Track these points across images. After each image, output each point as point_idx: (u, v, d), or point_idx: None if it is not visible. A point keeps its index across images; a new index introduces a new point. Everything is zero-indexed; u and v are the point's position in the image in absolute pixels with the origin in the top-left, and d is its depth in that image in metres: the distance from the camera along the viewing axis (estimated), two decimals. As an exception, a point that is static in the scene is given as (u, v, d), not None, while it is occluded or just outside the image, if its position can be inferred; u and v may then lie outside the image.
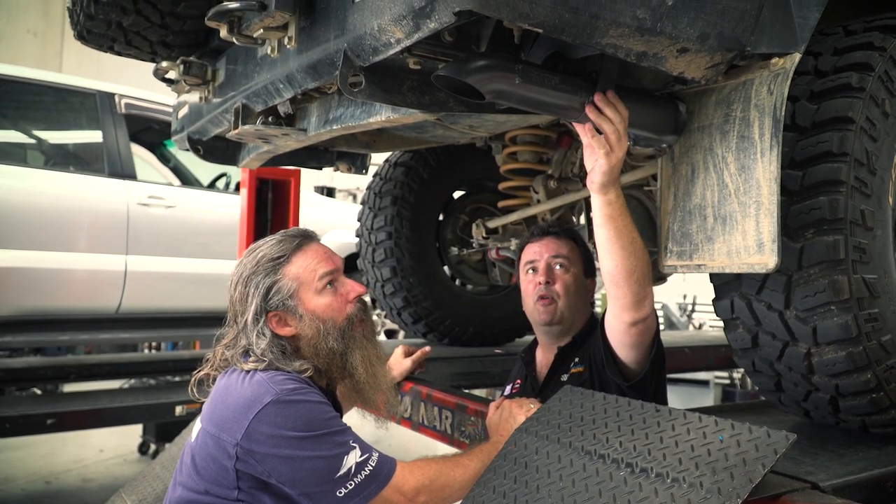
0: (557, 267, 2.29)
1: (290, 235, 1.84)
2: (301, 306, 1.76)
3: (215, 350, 1.82)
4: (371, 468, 1.61)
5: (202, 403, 1.78)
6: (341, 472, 1.57)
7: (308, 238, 1.86)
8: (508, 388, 2.47)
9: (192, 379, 1.85)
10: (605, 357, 2.02)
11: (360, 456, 1.61)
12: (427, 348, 2.64)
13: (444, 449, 2.20)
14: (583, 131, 1.67)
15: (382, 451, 1.69)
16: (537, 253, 2.33)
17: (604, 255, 1.79)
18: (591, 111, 1.61)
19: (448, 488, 1.70)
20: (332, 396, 1.87)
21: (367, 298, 2.05)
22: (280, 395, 1.60)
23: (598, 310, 2.79)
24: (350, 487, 1.58)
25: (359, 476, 1.59)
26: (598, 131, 1.65)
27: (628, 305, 1.85)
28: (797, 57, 1.53)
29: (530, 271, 2.34)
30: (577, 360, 2.21)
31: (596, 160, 1.67)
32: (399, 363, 2.56)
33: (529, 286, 2.32)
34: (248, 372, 1.69)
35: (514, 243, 3.30)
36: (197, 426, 1.72)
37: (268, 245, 1.81)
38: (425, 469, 1.71)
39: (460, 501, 1.69)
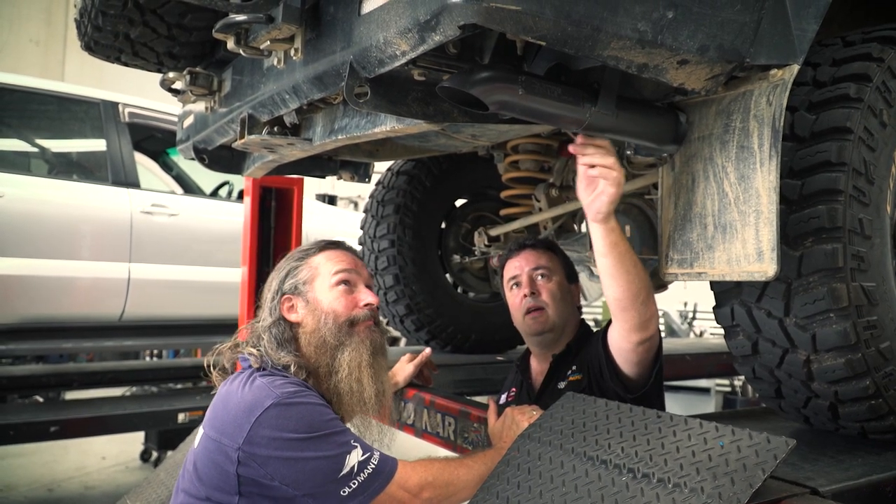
0: (540, 277, 2.32)
1: (329, 241, 1.96)
2: (311, 293, 1.84)
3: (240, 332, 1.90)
4: (373, 466, 1.63)
5: (205, 410, 1.80)
6: (344, 471, 1.59)
7: (342, 245, 1.96)
8: (503, 396, 2.48)
9: (209, 360, 1.89)
10: (608, 372, 2.04)
11: (362, 455, 1.63)
12: (427, 350, 2.65)
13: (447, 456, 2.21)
14: (582, 164, 1.71)
15: None
16: (518, 267, 2.36)
17: (609, 282, 1.81)
18: (581, 156, 1.68)
19: (452, 486, 1.71)
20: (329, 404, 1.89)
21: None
22: (281, 398, 1.62)
23: (586, 318, 2.80)
24: (353, 486, 1.59)
25: (362, 475, 1.61)
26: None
27: (636, 327, 1.88)
28: (796, 68, 1.55)
29: (514, 287, 2.37)
30: (574, 367, 2.23)
31: (597, 190, 1.69)
32: (403, 369, 2.58)
33: (516, 301, 2.35)
34: (248, 378, 1.71)
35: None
36: (199, 433, 1.74)
37: (308, 243, 1.96)
38: (427, 466, 1.73)
39: (466, 504, 1.71)
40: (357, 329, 1.85)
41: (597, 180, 1.69)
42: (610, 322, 2.03)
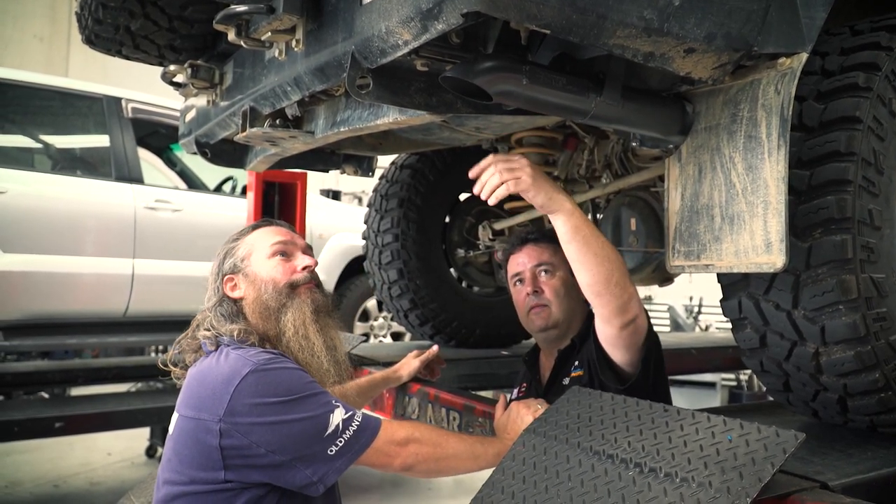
0: (543, 274, 2.29)
1: (262, 220, 2.00)
2: (249, 267, 1.84)
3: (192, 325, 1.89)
4: (358, 423, 1.62)
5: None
6: (329, 430, 1.58)
7: (275, 222, 1.98)
8: (515, 391, 2.47)
9: (170, 353, 1.91)
10: (598, 362, 2.02)
11: (345, 413, 1.62)
12: (435, 347, 2.64)
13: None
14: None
15: None
16: (521, 264, 2.33)
17: (579, 268, 1.78)
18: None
19: (440, 448, 1.71)
20: None
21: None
22: (258, 366, 1.61)
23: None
24: (340, 444, 1.58)
25: (347, 432, 1.59)
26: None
27: (616, 310, 1.85)
28: (804, 57, 1.53)
29: (518, 283, 2.34)
30: (576, 363, 2.21)
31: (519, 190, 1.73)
32: (408, 364, 2.58)
33: (520, 298, 2.33)
34: (221, 353, 1.70)
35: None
36: (174, 419, 1.72)
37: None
38: (416, 424, 1.77)
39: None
40: (298, 291, 1.84)
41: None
42: None
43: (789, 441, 1.33)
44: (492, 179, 1.71)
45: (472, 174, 1.74)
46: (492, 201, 1.70)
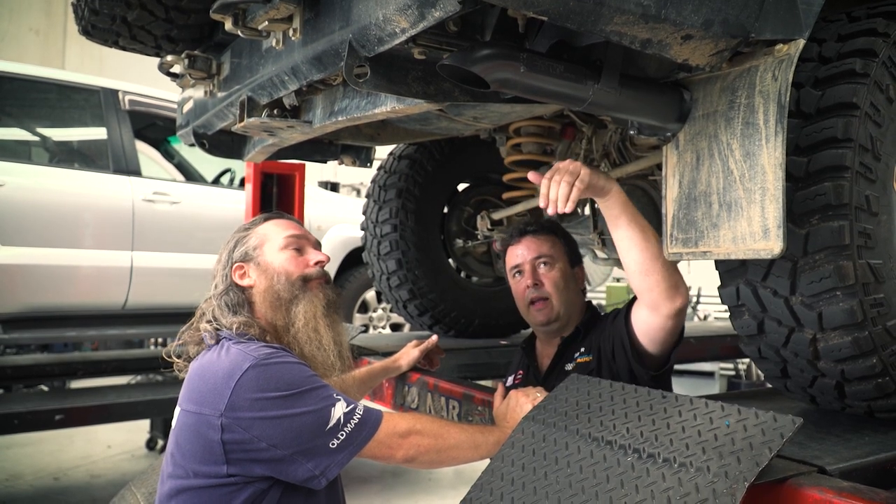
0: (542, 266, 2.30)
1: (273, 212, 2.01)
2: (261, 257, 1.85)
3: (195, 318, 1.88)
4: (359, 416, 1.63)
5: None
6: (331, 424, 1.58)
7: (286, 215, 2.00)
8: (510, 378, 2.47)
9: (172, 345, 1.90)
10: (630, 352, 2.01)
11: (347, 407, 1.62)
12: (434, 337, 2.65)
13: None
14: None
15: None
16: (520, 256, 2.34)
17: (629, 245, 1.81)
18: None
19: (442, 439, 1.72)
20: None
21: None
22: (258, 360, 1.61)
23: (597, 302, 2.77)
24: (342, 438, 1.59)
25: (349, 425, 1.60)
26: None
27: (665, 292, 1.84)
28: (801, 43, 1.53)
29: (517, 275, 2.35)
30: (582, 349, 2.21)
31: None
32: (408, 353, 2.58)
33: (519, 290, 2.33)
34: (222, 348, 1.70)
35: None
36: (176, 413, 1.72)
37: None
38: (417, 416, 1.77)
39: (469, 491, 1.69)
40: (310, 285, 1.86)
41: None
42: (632, 301, 2.01)
43: (787, 426, 1.34)
44: (561, 190, 1.73)
45: (541, 204, 1.79)
46: (569, 208, 1.73)
